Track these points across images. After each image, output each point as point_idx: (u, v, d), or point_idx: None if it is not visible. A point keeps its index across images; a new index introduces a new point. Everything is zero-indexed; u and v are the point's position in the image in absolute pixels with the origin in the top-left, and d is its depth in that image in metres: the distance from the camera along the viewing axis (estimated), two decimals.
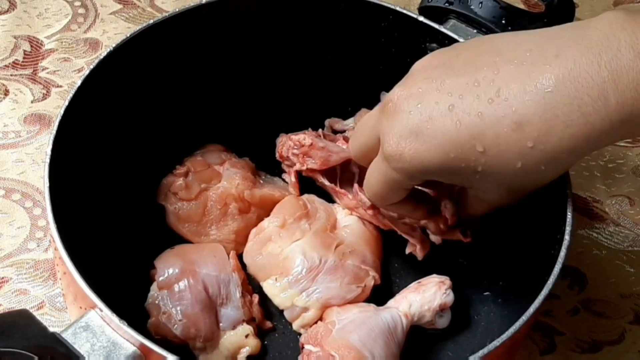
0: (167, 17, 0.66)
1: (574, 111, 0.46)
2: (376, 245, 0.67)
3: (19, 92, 0.85)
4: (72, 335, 0.48)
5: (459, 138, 0.49)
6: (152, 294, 0.62)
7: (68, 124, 0.59)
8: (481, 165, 0.50)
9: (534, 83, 0.47)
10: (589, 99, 0.45)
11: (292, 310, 0.63)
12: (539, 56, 0.48)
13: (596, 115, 0.46)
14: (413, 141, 0.51)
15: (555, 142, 0.47)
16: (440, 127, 0.50)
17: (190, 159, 0.70)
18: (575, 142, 0.47)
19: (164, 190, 0.68)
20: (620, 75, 0.45)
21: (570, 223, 0.57)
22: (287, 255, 0.64)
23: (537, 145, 0.48)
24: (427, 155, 0.51)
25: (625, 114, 0.45)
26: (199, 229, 0.67)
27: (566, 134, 0.47)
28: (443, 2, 0.68)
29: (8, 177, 0.78)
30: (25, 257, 0.73)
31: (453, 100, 0.50)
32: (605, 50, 0.45)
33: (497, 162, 0.49)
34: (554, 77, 0.47)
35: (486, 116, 0.48)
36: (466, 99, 0.49)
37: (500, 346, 0.51)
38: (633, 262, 0.77)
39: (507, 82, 0.48)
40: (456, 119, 0.49)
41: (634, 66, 0.44)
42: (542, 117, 0.47)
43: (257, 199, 0.68)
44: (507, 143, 0.48)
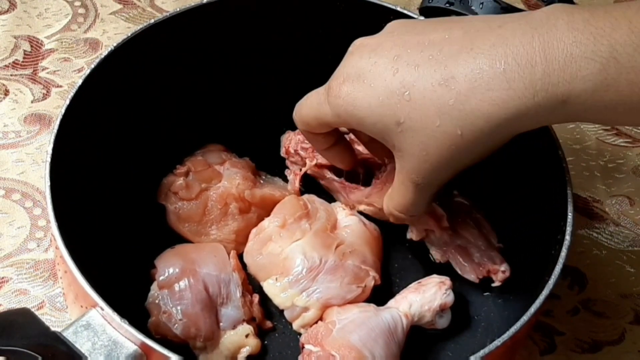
0: (167, 17, 0.66)
1: (498, 74, 0.47)
2: (376, 245, 0.67)
3: (19, 92, 0.85)
4: (73, 334, 0.48)
5: (391, 84, 0.51)
6: (152, 294, 0.62)
7: (68, 123, 0.59)
8: (404, 116, 0.51)
9: (472, 46, 0.49)
10: (515, 65, 0.47)
11: (292, 310, 0.63)
12: (485, 27, 0.50)
13: (520, 82, 0.47)
14: (353, 80, 0.53)
15: (475, 103, 0.48)
16: (381, 72, 0.52)
17: (191, 159, 0.70)
18: (494, 107, 0.48)
19: (164, 190, 0.68)
20: (552, 46, 0.46)
21: (570, 223, 0.57)
22: (287, 255, 0.64)
23: (456, 104, 0.49)
24: (360, 96, 0.52)
25: (551, 85, 0.46)
26: (200, 229, 0.67)
27: (486, 96, 0.48)
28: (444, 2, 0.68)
29: (8, 177, 0.78)
30: (25, 257, 0.73)
31: (401, 51, 0.52)
32: (542, 25, 0.47)
33: (418, 115, 0.50)
34: (490, 43, 0.48)
35: (421, 69, 0.50)
36: (412, 52, 0.51)
37: (501, 346, 0.51)
38: (633, 262, 0.77)
39: (450, 44, 0.50)
40: (396, 67, 0.51)
41: (565, 39, 0.46)
42: (467, 76, 0.48)
43: (258, 199, 0.68)
44: (431, 97, 0.50)
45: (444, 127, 0.50)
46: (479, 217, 0.68)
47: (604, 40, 0.45)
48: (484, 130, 0.49)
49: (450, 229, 0.66)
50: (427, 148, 0.51)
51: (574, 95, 0.46)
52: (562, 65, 0.46)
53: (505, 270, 0.65)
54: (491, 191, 0.70)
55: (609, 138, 0.87)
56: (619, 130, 0.87)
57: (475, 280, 0.65)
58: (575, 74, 0.45)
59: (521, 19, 0.49)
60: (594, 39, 0.45)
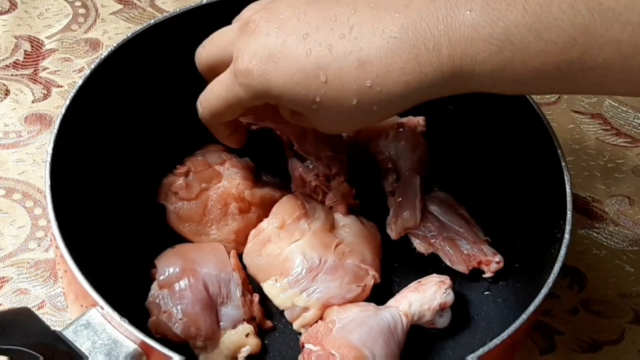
0: (167, 17, 0.66)
1: (411, 59, 0.49)
2: (375, 244, 0.67)
3: (19, 92, 0.85)
4: (73, 333, 0.48)
5: (306, 65, 0.51)
6: (152, 293, 0.62)
7: (69, 123, 0.59)
8: (320, 96, 0.52)
9: (382, 27, 0.50)
10: (425, 50, 0.49)
11: (292, 310, 0.63)
12: (393, 4, 0.51)
13: (430, 66, 0.49)
14: (264, 61, 0.53)
15: (391, 86, 0.50)
16: (292, 51, 0.52)
17: (191, 159, 0.70)
18: (408, 89, 0.50)
19: (164, 190, 0.68)
20: (454, 29, 0.48)
21: (570, 222, 0.57)
22: (286, 256, 0.64)
23: (374, 86, 0.50)
24: (274, 76, 0.52)
25: (455, 67, 0.48)
26: (200, 229, 0.67)
27: (401, 79, 0.50)
28: None
29: (9, 177, 0.79)
30: (25, 257, 0.73)
31: (309, 29, 0.52)
32: (445, 5, 0.48)
33: (336, 94, 0.51)
34: (399, 25, 0.49)
35: (335, 50, 0.51)
36: (321, 30, 0.52)
37: (500, 345, 0.51)
38: (633, 262, 0.77)
39: (360, 22, 0.51)
40: (308, 47, 0.51)
41: (465, 21, 0.47)
42: (383, 60, 0.50)
43: (258, 199, 0.68)
44: (347, 78, 0.51)
45: (360, 104, 0.52)
46: (464, 213, 0.69)
47: (500, 22, 0.47)
48: (397, 104, 0.52)
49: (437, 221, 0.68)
50: (339, 118, 0.54)
51: (476, 74, 0.48)
52: (463, 48, 0.48)
53: (500, 261, 0.65)
54: (491, 191, 0.70)
55: (609, 138, 0.87)
56: (618, 131, 0.87)
57: (465, 271, 0.66)
58: (475, 57, 0.48)
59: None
60: (491, 21, 0.47)
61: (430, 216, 0.68)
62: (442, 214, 0.68)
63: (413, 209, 0.67)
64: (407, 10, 0.50)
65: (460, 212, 0.69)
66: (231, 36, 0.57)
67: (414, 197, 0.68)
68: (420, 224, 0.67)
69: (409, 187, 0.68)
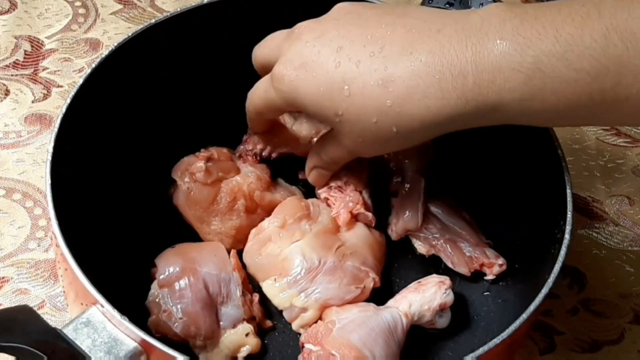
0: (167, 17, 0.66)
1: (434, 83, 0.49)
2: (379, 250, 0.67)
3: (19, 92, 0.85)
4: (73, 331, 0.48)
5: (333, 77, 0.52)
6: (152, 292, 0.62)
7: (69, 123, 0.59)
8: (343, 110, 0.53)
9: (411, 50, 0.50)
10: (449, 75, 0.48)
11: (290, 310, 0.63)
12: (426, 28, 0.51)
13: (453, 92, 0.48)
14: (297, 68, 0.54)
15: (410, 108, 0.50)
16: (324, 62, 0.53)
17: (216, 148, 0.70)
18: (429, 114, 0.50)
19: (182, 167, 0.68)
20: (482, 57, 0.47)
21: (570, 222, 0.57)
22: (286, 256, 0.64)
23: (394, 107, 0.50)
24: (303, 85, 0.54)
25: (482, 95, 0.48)
26: (204, 216, 0.67)
27: (422, 103, 0.49)
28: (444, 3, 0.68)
29: (9, 177, 0.79)
30: (25, 257, 0.73)
31: (344, 43, 0.53)
32: (475, 33, 0.48)
33: (357, 110, 0.52)
34: (428, 49, 0.49)
35: (362, 66, 0.51)
36: (354, 46, 0.52)
37: (500, 344, 0.51)
38: (632, 262, 0.77)
39: (392, 43, 0.51)
40: (338, 60, 0.52)
41: (494, 49, 0.47)
42: (406, 81, 0.50)
43: (266, 202, 0.68)
44: (370, 95, 0.51)
45: (380, 124, 0.52)
46: (466, 215, 0.69)
47: (530, 51, 0.46)
48: (418, 130, 0.51)
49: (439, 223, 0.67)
50: (362, 136, 0.54)
51: (503, 104, 0.48)
52: (490, 76, 0.47)
53: (503, 263, 0.65)
54: (491, 191, 0.70)
55: (609, 138, 0.87)
56: (618, 130, 0.87)
57: (467, 273, 0.66)
58: (503, 85, 0.47)
59: (458, 22, 0.50)
60: (521, 49, 0.46)
61: (432, 218, 0.68)
62: (444, 216, 0.68)
63: (415, 211, 0.67)
64: (439, 35, 0.50)
65: (462, 214, 0.69)
66: (281, 39, 0.58)
67: (417, 199, 0.68)
68: (422, 226, 0.67)
69: (413, 189, 0.68)
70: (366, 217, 0.66)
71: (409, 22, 0.52)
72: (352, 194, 0.66)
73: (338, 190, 0.67)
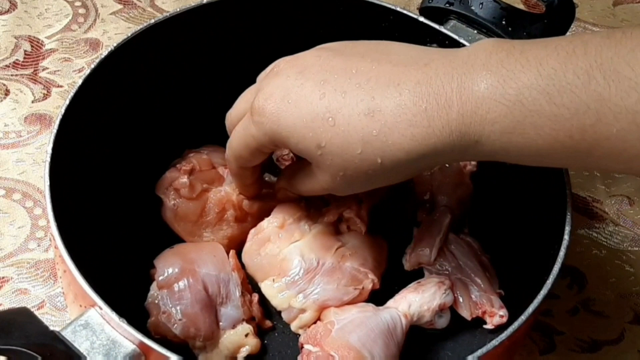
0: (167, 17, 0.66)
1: (420, 112, 0.48)
2: (379, 252, 0.66)
3: (19, 92, 0.85)
4: (72, 333, 0.48)
5: (317, 107, 0.51)
6: (151, 294, 0.62)
7: (69, 123, 0.59)
8: (326, 141, 0.52)
9: (398, 81, 0.50)
10: (435, 105, 0.48)
11: (289, 311, 0.63)
12: (413, 63, 0.51)
13: (438, 121, 0.48)
14: (279, 100, 0.53)
15: (397, 137, 0.49)
16: (307, 94, 0.52)
17: (196, 156, 0.69)
18: (414, 144, 0.49)
19: (165, 184, 0.68)
20: (467, 87, 0.47)
21: (570, 223, 0.57)
22: (285, 257, 0.63)
23: (380, 136, 0.50)
24: (284, 116, 0.53)
25: (465, 125, 0.47)
26: (194, 229, 0.67)
27: (408, 132, 0.49)
28: (444, 2, 0.68)
29: (9, 177, 0.79)
30: (25, 257, 0.73)
31: (328, 76, 0.52)
32: (462, 65, 0.48)
33: (341, 140, 0.51)
34: (415, 80, 0.49)
35: (348, 96, 0.51)
36: (339, 78, 0.52)
37: (500, 345, 0.51)
38: (632, 262, 0.77)
39: (378, 75, 0.51)
40: (323, 91, 0.52)
41: (478, 80, 0.47)
42: (392, 110, 0.49)
43: (255, 210, 0.68)
44: (355, 125, 0.50)
45: (365, 154, 0.51)
46: (485, 260, 0.68)
47: (512, 83, 0.46)
48: (402, 161, 0.50)
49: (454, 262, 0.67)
50: (344, 170, 0.53)
51: (485, 136, 0.47)
52: (474, 107, 0.47)
53: (504, 315, 0.64)
54: (490, 190, 0.70)
55: None
56: None
57: (468, 317, 0.64)
58: (485, 117, 0.47)
59: (447, 56, 0.50)
60: (504, 81, 0.46)
61: (448, 254, 0.67)
62: (462, 256, 0.67)
63: (431, 246, 0.66)
64: (426, 68, 0.50)
65: (482, 258, 0.68)
66: (255, 86, 0.58)
67: (436, 235, 0.67)
68: (435, 261, 0.66)
69: (436, 223, 0.68)
70: (355, 222, 0.66)
71: (395, 58, 0.52)
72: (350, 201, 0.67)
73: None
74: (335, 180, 0.54)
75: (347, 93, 0.51)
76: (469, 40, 0.67)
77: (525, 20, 0.67)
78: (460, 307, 0.65)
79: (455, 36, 0.67)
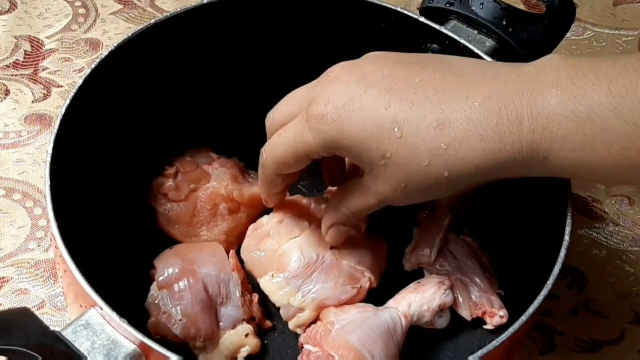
0: (167, 17, 0.66)
1: (491, 127, 0.48)
2: (378, 251, 0.66)
3: (19, 92, 0.85)
4: (72, 334, 0.48)
5: (383, 117, 0.51)
6: (151, 294, 0.62)
7: (69, 123, 0.59)
8: (391, 152, 0.51)
9: (466, 94, 0.49)
10: (507, 120, 0.48)
11: (287, 309, 0.63)
12: (479, 75, 0.51)
13: (510, 136, 0.48)
14: (340, 108, 0.52)
15: (466, 151, 0.49)
16: (371, 102, 0.51)
17: (179, 159, 0.69)
18: (484, 159, 0.49)
19: (153, 192, 0.68)
20: (537, 103, 0.47)
21: (570, 223, 0.57)
22: (284, 252, 0.63)
23: (449, 150, 0.49)
24: (347, 125, 0.51)
25: (535, 141, 0.47)
26: (189, 230, 0.67)
27: (478, 147, 0.49)
28: (444, 2, 0.68)
29: (9, 177, 0.79)
30: (25, 257, 0.73)
31: (392, 85, 0.51)
32: (531, 81, 0.48)
33: (408, 152, 0.50)
34: (484, 94, 0.49)
35: (416, 107, 0.50)
36: (404, 88, 0.51)
37: (500, 346, 0.51)
38: (632, 262, 0.77)
39: (444, 87, 0.50)
40: (387, 101, 0.51)
41: (549, 97, 0.47)
42: (462, 124, 0.49)
43: (247, 199, 0.68)
44: (423, 137, 0.50)
45: (431, 167, 0.50)
46: (485, 260, 0.68)
47: (583, 100, 0.46)
48: (470, 175, 0.50)
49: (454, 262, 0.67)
50: (407, 182, 0.52)
51: (554, 152, 0.47)
52: (544, 123, 0.47)
53: (504, 316, 0.64)
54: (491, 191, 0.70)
55: None
56: None
57: (468, 318, 0.65)
58: (555, 133, 0.47)
59: (513, 70, 0.50)
60: (574, 98, 0.46)
61: (448, 255, 0.67)
62: (462, 256, 0.67)
63: (431, 247, 0.66)
64: (493, 81, 0.49)
65: (482, 259, 0.68)
66: (305, 91, 0.56)
67: (436, 234, 0.67)
68: (435, 262, 0.66)
69: (436, 223, 0.68)
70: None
71: (459, 70, 0.52)
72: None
73: None
74: (395, 192, 0.53)
75: (415, 104, 0.50)
76: (469, 40, 0.67)
77: (525, 20, 0.67)
78: (460, 307, 0.65)
79: (456, 36, 0.67)
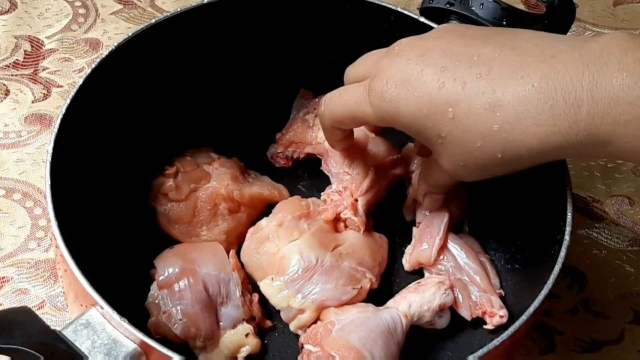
0: (167, 17, 0.66)
1: (545, 110, 0.47)
2: (378, 251, 0.67)
3: (19, 92, 0.85)
4: (73, 333, 0.48)
5: (437, 98, 0.51)
6: (152, 294, 0.62)
7: (69, 123, 0.59)
8: (445, 132, 0.51)
9: (522, 74, 0.48)
10: (563, 103, 0.47)
11: (288, 311, 0.63)
12: (538, 53, 0.49)
13: (565, 120, 0.47)
14: (398, 85, 0.53)
15: (518, 134, 0.48)
16: (427, 82, 0.52)
17: (179, 159, 0.69)
18: (537, 141, 0.48)
19: (154, 192, 0.68)
20: (600, 86, 0.46)
21: (570, 223, 0.57)
22: (283, 255, 0.63)
23: (500, 132, 0.49)
24: (404, 104, 0.52)
25: (594, 126, 0.46)
26: (190, 230, 0.67)
27: (530, 129, 0.48)
28: (444, 3, 0.68)
29: (9, 177, 0.79)
30: (26, 257, 0.73)
31: (448, 63, 0.52)
32: (594, 62, 0.46)
33: (461, 133, 0.51)
34: (541, 74, 0.48)
35: (468, 88, 0.50)
36: (460, 66, 0.51)
37: (500, 345, 0.51)
38: (633, 262, 0.77)
39: (500, 65, 0.50)
40: (442, 80, 0.51)
41: (613, 80, 0.45)
42: (515, 106, 0.48)
43: (247, 198, 0.68)
44: (475, 118, 0.50)
45: (484, 148, 0.50)
46: (485, 260, 0.68)
47: None
48: (523, 157, 0.50)
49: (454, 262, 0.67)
50: (465, 160, 0.52)
51: (615, 137, 0.46)
52: (606, 107, 0.45)
53: (504, 315, 0.63)
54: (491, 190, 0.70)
55: None
56: None
57: (468, 317, 0.64)
58: (618, 118, 0.45)
59: (575, 49, 0.48)
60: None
61: (449, 255, 0.67)
62: (462, 256, 0.67)
63: (431, 246, 0.66)
64: (553, 60, 0.48)
65: (482, 259, 0.68)
66: (378, 56, 0.57)
67: (436, 234, 0.67)
68: (435, 262, 0.66)
69: (435, 223, 0.68)
70: (353, 222, 0.67)
71: (519, 44, 0.51)
72: (347, 199, 0.67)
73: (338, 194, 0.68)
74: (457, 169, 0.54)
75: (467, 84, 0.50)
76: None
77: (525, 20, 0.67)
78: (460, 307, 0.65)
79: None
